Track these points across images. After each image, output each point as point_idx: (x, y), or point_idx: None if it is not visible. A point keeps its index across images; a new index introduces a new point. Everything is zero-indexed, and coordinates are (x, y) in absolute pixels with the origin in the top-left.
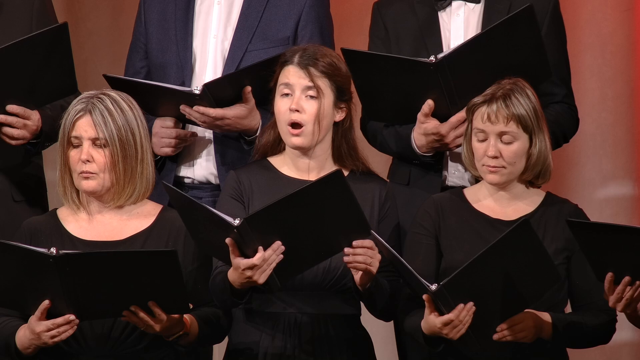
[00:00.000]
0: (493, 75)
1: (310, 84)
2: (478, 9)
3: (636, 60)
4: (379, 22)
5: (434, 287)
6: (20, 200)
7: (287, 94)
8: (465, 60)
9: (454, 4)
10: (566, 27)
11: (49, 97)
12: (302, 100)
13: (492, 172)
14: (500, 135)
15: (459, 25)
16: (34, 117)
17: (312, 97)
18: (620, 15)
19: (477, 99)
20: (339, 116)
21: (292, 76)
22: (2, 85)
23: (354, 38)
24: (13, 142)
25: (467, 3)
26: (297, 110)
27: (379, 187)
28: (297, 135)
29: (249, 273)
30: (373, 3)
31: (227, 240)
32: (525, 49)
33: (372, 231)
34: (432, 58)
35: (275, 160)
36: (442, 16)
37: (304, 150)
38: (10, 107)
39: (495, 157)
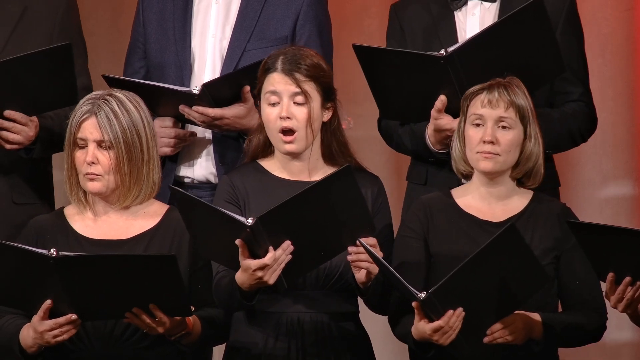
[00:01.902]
0: (505, 70)
1: (298, 89)
2: (494, 8)
3: (636, 60)
4: (396, 23)
5: (422, 295)
6: (21, 203)
7: (274, 102)
8: (475, 54)
9: (469, 3)
10: None
11: (48, 106)
12: (291, 106)
13: (486, 158)
14: (499, 121)
15: (474, 25)
16: (32, 124)
17: (299, 103)
18: (620, 15)
19: (475, 88)
20: (327, 116)
21: (278, 83)
22: (1, 93)
23: (354, 38)
24: (7, 146)
25: (482, 2)
26: (288, 117)
27: (370, 183)
28: (290, 142)
29: (259, 274)
30: (386, 6)
31: (238, 241)
32: (537, 44)
33: (360, 240)
34: (442, 52)
35: (267, 163)
36: (458, 16)
37: (295, 154)
38: (8, 113)
39: (492, 143)
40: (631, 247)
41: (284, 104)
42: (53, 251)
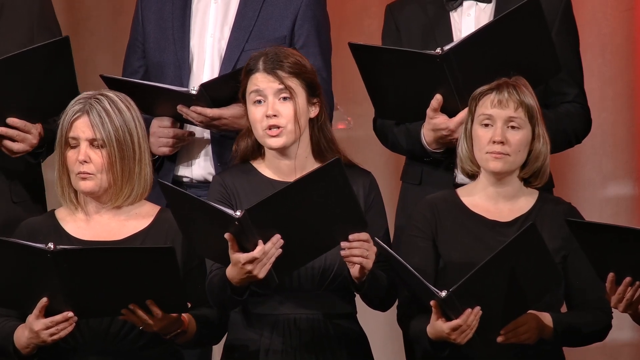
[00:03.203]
0: (501, 69)
1: (281, 86)
2: (489, 9)
3: (636, 60)
4: (391, 23)
5: (443, 293)
6: (19, 201)
7: (259, 101)
8: (471, 52)
9: (465, 4)
10: None
11: (51, 111)
12: (276, 104)
13: (496, 158)
14: (508, 121)
15: (469, 25)
16: (35, 132)
17: (285, 98)
18: (620, 15)
19: (484, 88)
20: (314, 112)
21: (261, 82)
22: (2, 97)
23: (353, 38)
24: (13, 155)
25: (478, 3)
26: (275, 115)
27: (362, 179)
28: (276, 135)
29: (249, 267)
30: (385, 5)
31: (227, 235)
32: (533, 43)
33: (377, 239)
34: (438, 50)
35: (257, 165)
36: (454, 16)
37: (284, 151)
38: (11, 120)
39: (501, 143)
40: (630, 247)
41: (269, 102)
42: (51, 245)
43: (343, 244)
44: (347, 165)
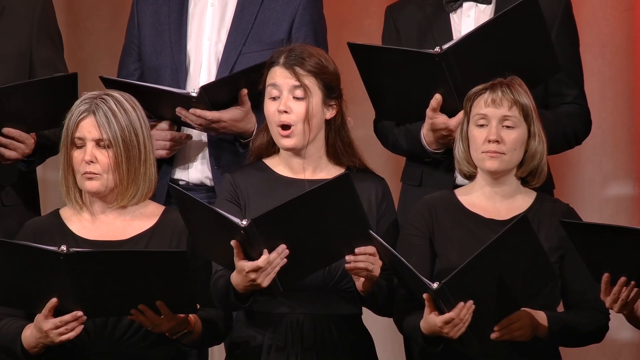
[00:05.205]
0: (500, 68)
1: (297, 83)
2: (489, 10)
3: (636, 60)
4: (391, 25)
5: (435, 285)
6: (10, 205)
7: (274, 98)
8: (470, 51)
9: (464, 5)
10: None
11: (46, 125)
12: (289, 101)
13: (492, 157)
14: (503, 120)
15: (469, 27)
16: (29, 142)
17: (299, 98)
18: (620, 15)
19: (477, 88)
20: (330, 114)
21: (279, 77)
22: (3, 114)
23: (353, 38)
24: (4, 162)
25: (477, 4)
26: (286, 112)
27: (375, 186)
28: (287, 136)
29: (253, 276)
30: (385, 6)
31: (233, 242)
32: (532, 42)
33: (370, 231)
34: (437, 49)
35: (271, 161)
36: (453, 17)
37: (296, 151)
38: (7, 130)
39: (497, 142)
40: (625, 246)
41: (283, 97)
42: (64, 247)
43: (348, 257)
44: (362, 170)
